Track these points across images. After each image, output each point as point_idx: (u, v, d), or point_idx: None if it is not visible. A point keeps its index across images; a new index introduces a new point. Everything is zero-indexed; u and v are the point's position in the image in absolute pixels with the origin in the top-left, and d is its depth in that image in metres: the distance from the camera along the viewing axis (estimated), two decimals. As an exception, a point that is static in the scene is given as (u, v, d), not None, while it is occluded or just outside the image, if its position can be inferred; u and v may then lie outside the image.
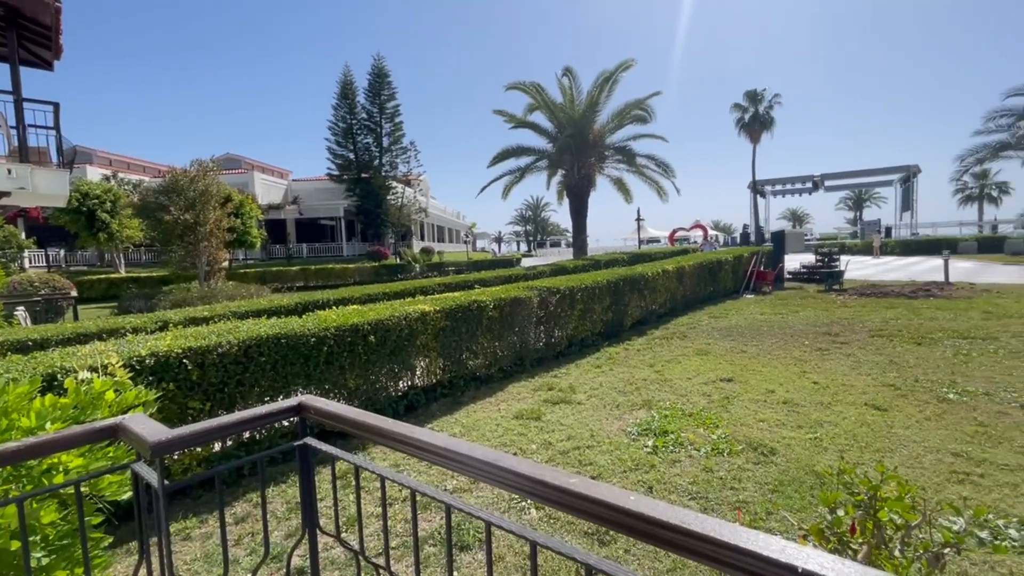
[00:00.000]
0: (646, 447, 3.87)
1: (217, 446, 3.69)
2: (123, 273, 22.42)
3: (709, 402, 4.85)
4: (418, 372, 5.28)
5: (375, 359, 4.70)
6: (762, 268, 14.05)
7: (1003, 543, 2.47)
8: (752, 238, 36.40)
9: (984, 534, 2.56)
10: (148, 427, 1.20)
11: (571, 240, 27.18)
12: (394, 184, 32.17)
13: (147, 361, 3.22)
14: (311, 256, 31.43)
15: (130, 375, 2.67)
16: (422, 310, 5.18)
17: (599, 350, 7.36)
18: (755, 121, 43.40)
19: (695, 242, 41.42)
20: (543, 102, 22.66)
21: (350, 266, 24.48)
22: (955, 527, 2.46)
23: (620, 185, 24.79)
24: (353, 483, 2.55)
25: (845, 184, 47.11)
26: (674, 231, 42.82)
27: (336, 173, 32.35)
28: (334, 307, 5.62)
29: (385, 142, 32.47)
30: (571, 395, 5.24)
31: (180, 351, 3.40)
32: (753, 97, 43.38)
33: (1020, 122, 23.80)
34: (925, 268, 18.79)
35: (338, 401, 4.41)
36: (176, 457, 3.36)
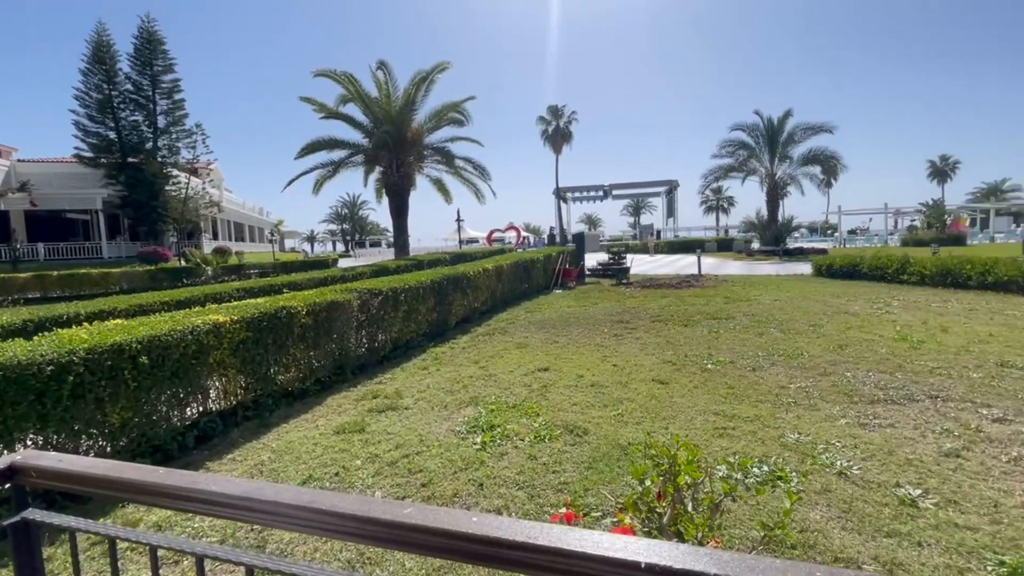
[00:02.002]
0: (475, 444, 3.91)
1: None
2: None
3: (530, 392, 5.15)
4: (213, 394, 4.48)
5: (150, 385, 3.81)
6: (568, 266, 15.65)
7: (752, 481, 3.12)
8: (558, 239, 40.43)
9: (738, 475, 3.19)
10: None
11: (392, 240, 26.50)
12: (176, 173, 27.09)
13: None
14: (53, 259, 24.57)
15: None
16: (215, 321, 4.40)
17: (425, 351, 7.27)
18: (557, 133, 48.27)
19: (509, 242, 44.30)
20: (357, 94, 21.55)
21: (114, 271, 19.79)
22: (719, 475, 3.00)
23: (440, 186, 25.04)
24: (126, 541, 2.00)
25: (627, 193, 55.58)
26: (491, 232, 45.08)
27: (89, 155, 25.81)
28: (87, 323, 4.42)
29: (161, 122, 27.11)
30: (398, 400, 5.04)
31: None
32: (555, 112, 48.15)
33: (739, 151, 31.08)
34: (685, 264, 23.21)
35: (101, 443, 3.48)
36: None
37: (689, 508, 1.80)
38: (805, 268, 17.62)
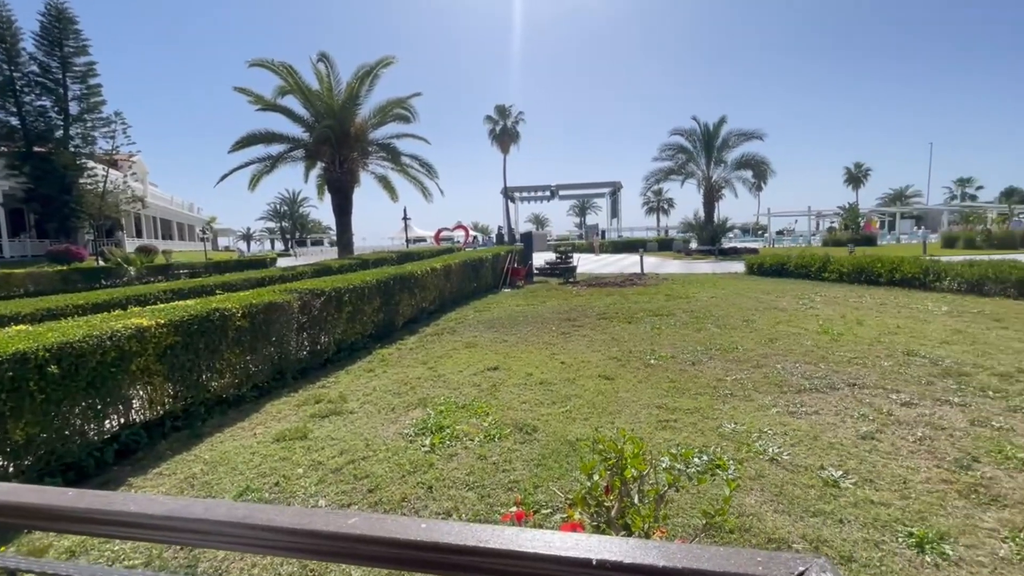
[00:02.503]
0: (424, 447, 3.84)
1: None
2: None
3: (479, 392, 5.13)
4: (136, 404, 4.14)
5: (61, 397, 3.47)
6: (516, 265, 15.74)
7: (694, 471, 3.25)
8: (506, 238, 40.59)
9: (680, 465, 3.32)
10: None
11: (335, 239, 25.61)
12: (91, 164, 24.92)
13: None
14: (-59, 258, 21.93)
15: None
16: (138, 325, 4.07)
17: (371, 353, 7.07)
18: (504, 133, 48.40)
19: (458, 242, 44.01)
20: (296, 86, 20.66)
21: (17, 271, 17.90)
22: (663, 466, 3.09)
23: (386, 183, 24.49)
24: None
25: (573, 194, 56.76)
26: (439, 231, 44.59)
27: (-15, 143, 23.28)
28: (-17, 330, 3.96)
29: (74, 109, 24.86)
30: (342, 405, 4.87)
31: None
32: (503, 112, 48.26)
33: (679, 154, 32.48)
34: (629, 263, 23.95)
35: (1, 463, 3.12)
36: None
37: (636, 500, 1.84)
38: (739, 267, 18.63)
